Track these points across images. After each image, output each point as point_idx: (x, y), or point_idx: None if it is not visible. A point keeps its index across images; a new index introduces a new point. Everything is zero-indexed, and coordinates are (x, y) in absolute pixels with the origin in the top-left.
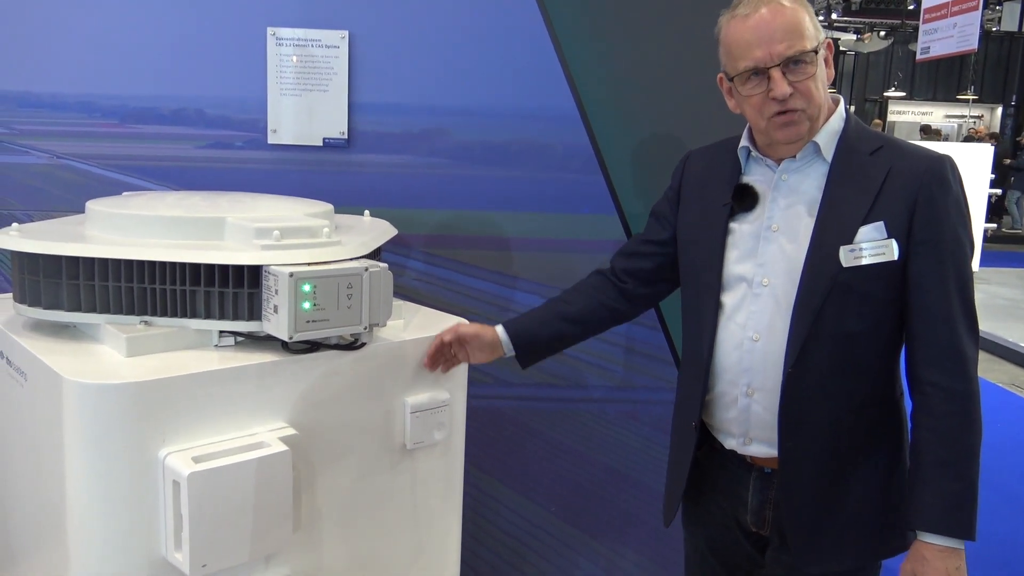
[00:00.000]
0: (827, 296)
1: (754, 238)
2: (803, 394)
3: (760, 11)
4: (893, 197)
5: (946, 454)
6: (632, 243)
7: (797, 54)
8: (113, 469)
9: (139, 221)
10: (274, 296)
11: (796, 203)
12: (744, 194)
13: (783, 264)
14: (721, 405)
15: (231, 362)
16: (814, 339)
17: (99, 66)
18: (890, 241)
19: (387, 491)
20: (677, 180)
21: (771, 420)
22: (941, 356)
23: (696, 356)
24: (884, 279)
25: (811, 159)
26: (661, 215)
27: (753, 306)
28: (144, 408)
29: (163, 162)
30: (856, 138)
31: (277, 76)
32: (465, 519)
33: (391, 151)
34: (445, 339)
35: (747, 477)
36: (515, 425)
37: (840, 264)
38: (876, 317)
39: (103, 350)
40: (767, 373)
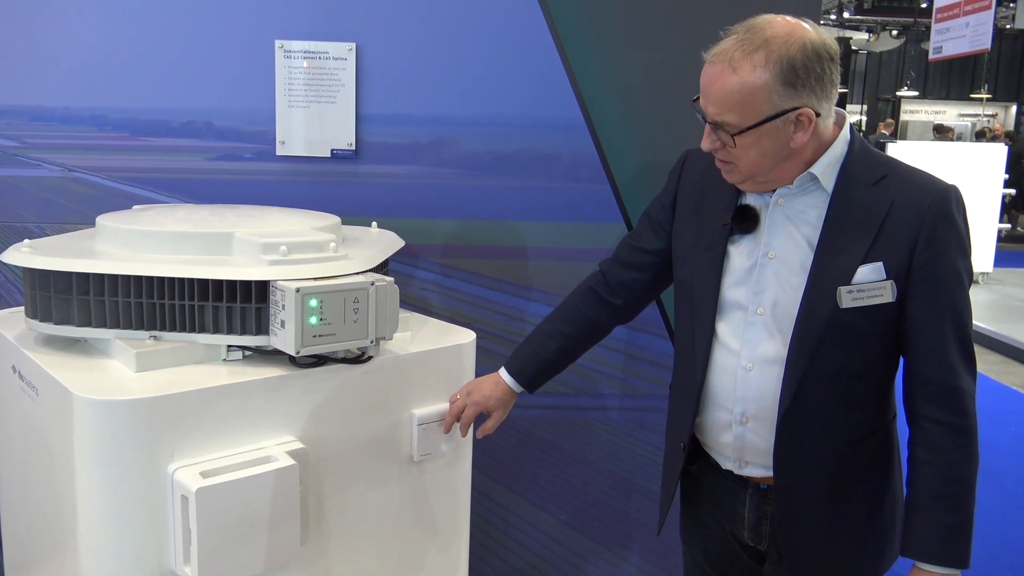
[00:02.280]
0: (823, 335)
1: (750, 264)
2: (800, 429)
3: (713, 65)
4: (894, 234)
5: (945, 487)
6: (626, 250)
7: (722, 124)
8: (123, 483)
9: (148, 237)
10: (281, 311)
11: (794, 232)
12: (745, 216)
13: (779, 295)
14: (714, 428)
15: (239, 376)
16: (811, 376)
17: (110, 79)
18: (888, 283)
19: (395, 503)
20: (674, 183)
21: (765, 447)
22: (939, 393)
23: (688, 377)
24: (881, 318)
25: (808, 187)
26: (656, 221)
27: (748, 334)
28: (153, 423)
29: (173, 174)
30: (859, 166)
31: (286, 88)
32: (474, 528)
33: (399, 162)
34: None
35: (743, 493)
36: (524, 434)
37: (838, 304)
38: (873, 354)
39: (113, 365)
40: (762, 403)
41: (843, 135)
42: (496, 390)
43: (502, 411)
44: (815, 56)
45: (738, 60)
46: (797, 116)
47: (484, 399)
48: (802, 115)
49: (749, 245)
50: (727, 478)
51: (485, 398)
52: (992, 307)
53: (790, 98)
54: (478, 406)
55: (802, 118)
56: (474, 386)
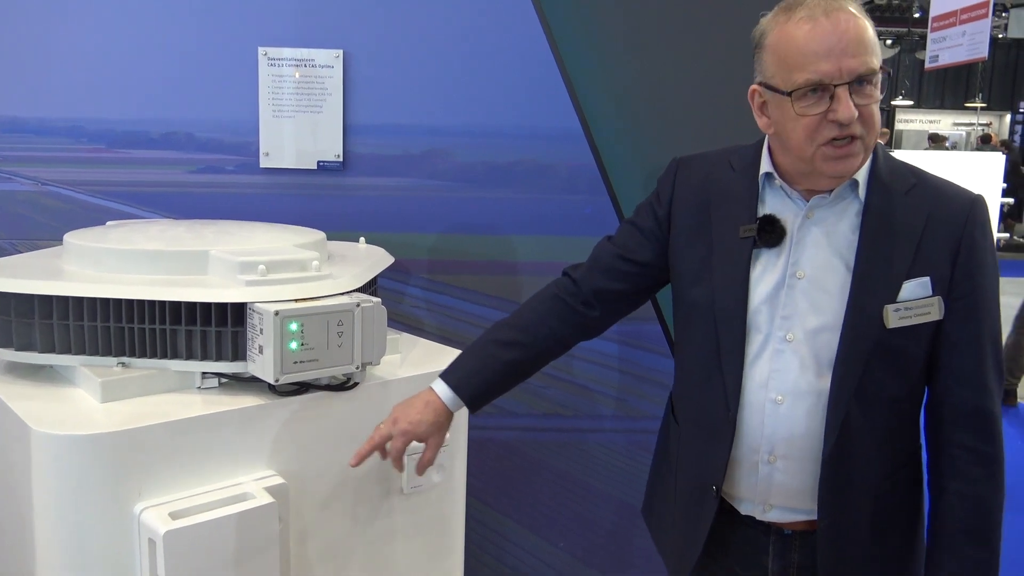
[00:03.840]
0: (870, 359)
1: (776, 284)
2: (845, 466)
3: (831, 17)
4: (935, 247)
5: (974, 520)
6: (606, 256)
7: (868, 72)
8: (84, 525)
9: (117, 255)
10: (259, 335)
11: (825, 247)
12: (772, 228)
13: (812, 320)
14: (739, 470)
15: (214, 406)
16: (857, 407)
17: (85, 90)
18: (936, 300)
19: (384, 539)
20: (668, 192)
21: (796, 488)
22: (973, 418)
23: (715, 411)
24: (927, 337)
25: (845, 195)
26: (645, 230)
27: (776, 364)
28: (118, 460)
29: (152, 188)
30: (889, 174)
31: (269, 97)
32: (469, 556)
33: (389, 174)
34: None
35: (765, 541)
36: (520, 457)
37: (884, 325)
38: (915, 378)
39: (78, 394)
40: (792, 439)
41: None
42: (427, 412)
43: (438, 437)
44: None
45: (854, 7)
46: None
47: (413, 425)
48: (886, 73)
49: (772, 262)
50: (746, 524)
51: (414, 424)
52: None
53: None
54: (406, 436)
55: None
56: (401, 411)
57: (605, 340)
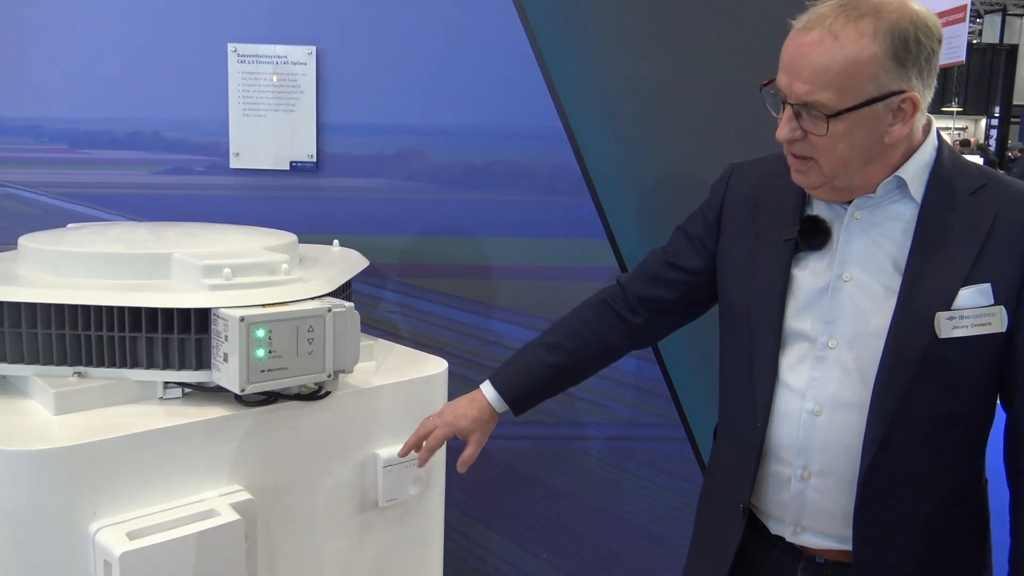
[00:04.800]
0: (918, 371)
1: (820, 287)
2: (886, 489)
3: (808, 33)
4: (1002, 252)
5: None
6: (654, 263)
7: (815, 104)
8: (36, 546)
9: (74, 259)
10: (224, 343)
11: (874, 250)
12: (815, 229)
13: (857, 325)
14: (770, 485)
15: (177, 418)
16: (901, 423)
17: (46, 88)
18: (998, 309)
19: (358, 555)
20: (719, 197)
21: (831, 509)
22: None
23: (745, 422)
24: (986, 353)
25: (894, 196)
26: (696, 237)
27: (816, 372)
28: (72, 476)
29: (117, 190)
30: (952, 173)
31: (239, 96)
32: (449, 569)
33: (364, 174)
34: (435, 446)
35: (794, 567)
36: (501, 466)
37: (935, 334)
38: (973, 397)
39: (31, 407)
40: (829, 455)
41: (931, 139)
42: (472, 408)
43: (480, 434)
44: (927, 32)
45: (841, 26)
46: (901, 101)
47: (456, 419)
48: (907, 100)
49: (818, 264)
50: (775, 546)
51: (457, 418)
52: None
53: (898, 78)
54: (449, 427)
55: (906, 105)
56: (449, 406)
57: None
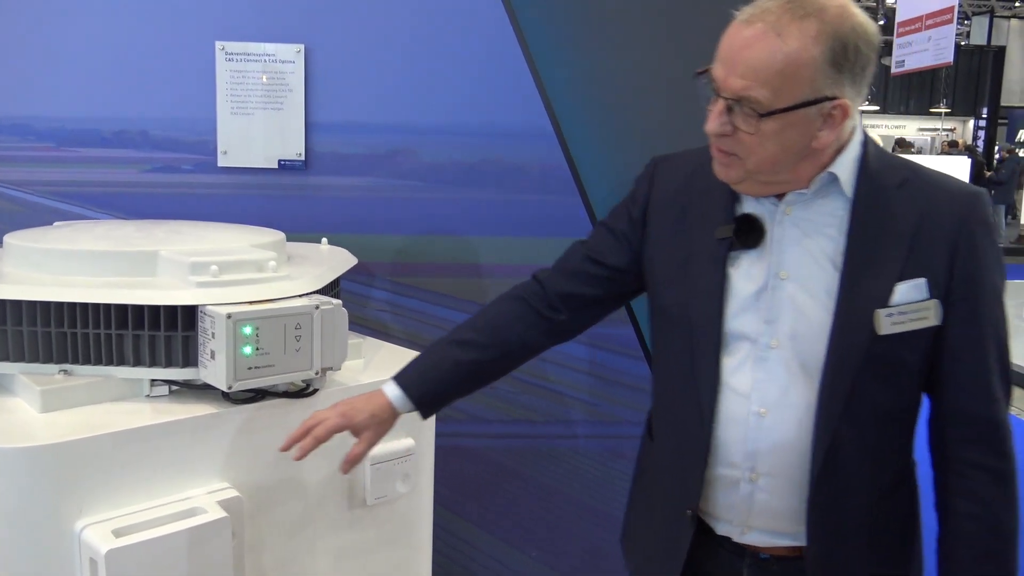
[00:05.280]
0: (861, 368)
1: (758, 287)
2: (835, 485)
3: (750, 26)
4: (931, 245)
5: (992, 544)
6: (575, 259)
7: (749, 100)
8: (21, 544)
9: (60, 256)
10: (211, 340)
11: (810, 246)
12: (750, 228)
13: (798, 324)
14: (717, 489)
15: (163, 415)
16: (848, 421)
17: (33, 86)
18: (932, 303)
19: (347, 553)
20: (644, 192)
21: (779, 508)
22: (984, 434)
23: (690, 427)
24: (923, 345)
25: (827, 191)
26: (619, 233)
27: (759, 373)
28: (58, 474)
29: (104, 188)
30: (879, 168)
31: (227, 94)
32: (437, 567)
33: (352, 173)
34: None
35: (739, 565)
36: (491, 465)
37: (875, 331)
38: (911, 389)
39: (17, 404)
40: (776, 456)
41: (857, 134)
42: (369, 404)
43: (373, 433)
44: (866, 41)
45: (785, 25)
46: (832, 108)
47: (352, 411)
48: (838, 107)
49: (754, 263)
50: (720, 546)
51: (353, 410)
52: None
53: (832, 84)
54: (342, 419)
55: (836, 111)
56: (345, 400)
57: (576, 344)
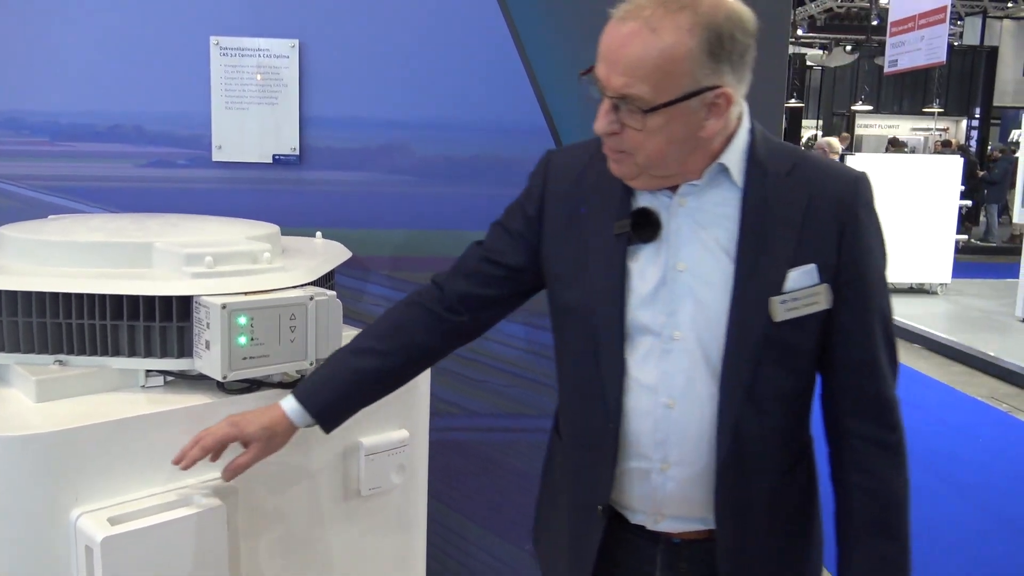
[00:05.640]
0: (760, 356)
1: (657, 279)
2: (741, 470)
3: (624, 24)
4: (819, 230)
5: (882, 514)
6: (472, 259)
7: (632, 97)
8: (17, 532)
9: (55, 248)
10: (206, 330)
11: (703, 236)
12: (646, 222)
13: (698, 314)
14: (628, 481)
15: (158, 405)
16: (749, 407)
17: (27, 80)
18: (823, 288)
19: (341, 544)
20: (539, 189)
21: (691, 496)
22: (872, 407)
23: (596, 423)
24: (816, 329)
25: (718, 182)
26: (515, 232)
27: (664, 364)
28: (53, 462)
29: (99, 182)
30: (767, 156)
31: (222, 88)
32: (432, 560)
33: (347, 168)
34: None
35: (653, 551)
36: (484, 458)
37: (771, 318)
38: (807, 372)
39: (12, 395)
40: (686, 446)
41: (744, 123)
42: (263, 416)
43: (263, 445)
44: (741, 28)
45: (659, 20)
46: (715, 97)
47: (244, 422)
48: (720, 96)
49: (652, 256)
50: (634, 534)
51: (246, 421)
52: (953, 318)
53: (712, 74)
54: (233, 427)
55: (720, 100)
56: (240, 413)
57: None
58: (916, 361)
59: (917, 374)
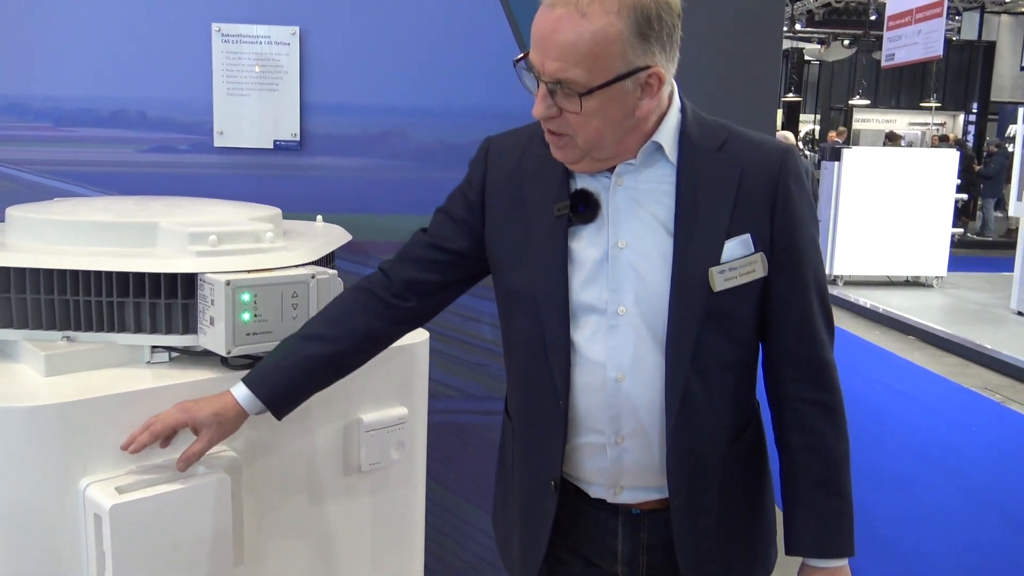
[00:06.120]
0: (702, 326)
1: (599, 258)
2: (691, 437)
3: (553, 10)
4: (751, 202)
5: (825, 472)
6: (418, 247)
7: (552, 81)
8: (27, 501)
9: (62, 227)
10: (210, 307)
11: (642, 214)
12: (585, 203)
13: (641, 289)
14: (584, 455)
15: (164, 380)
16: (694, 376)
17: (30, 65)
18: (758, 256)
19: (341, 518)
20: (480, 175)
21: (646, 465)
22: (810, 371)
23: (546, 401)
24: (754, 298)
25: (653, 160)
26: (458, 218)
27: (611, 340)
28: (62, 433)
29: (102, 167)
30: (699, 133)
31: (223, 75)
32: (430, 541)
33: (346, 154)
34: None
35: (614, 523)
36: (482, 441)
37: (711, 288)
38: (749, 339)
39: (20, 369)
40: (639, 417)
41: (675, 102)
42: (215, 403)
43: (214, 431)
44: (667, 8)
45: (588, 4)
46: (647, 77)
47: (196, 408)
48: (652, 76)
49: (593, 236)
50: (594, 508)
51: (197, 407)
52: (948, 310)
53: (643, 54)
54: (183, 413)
55: (652, 80)
56: (196, 399)
57: None
58: (911, 352)
59: (911, 365)
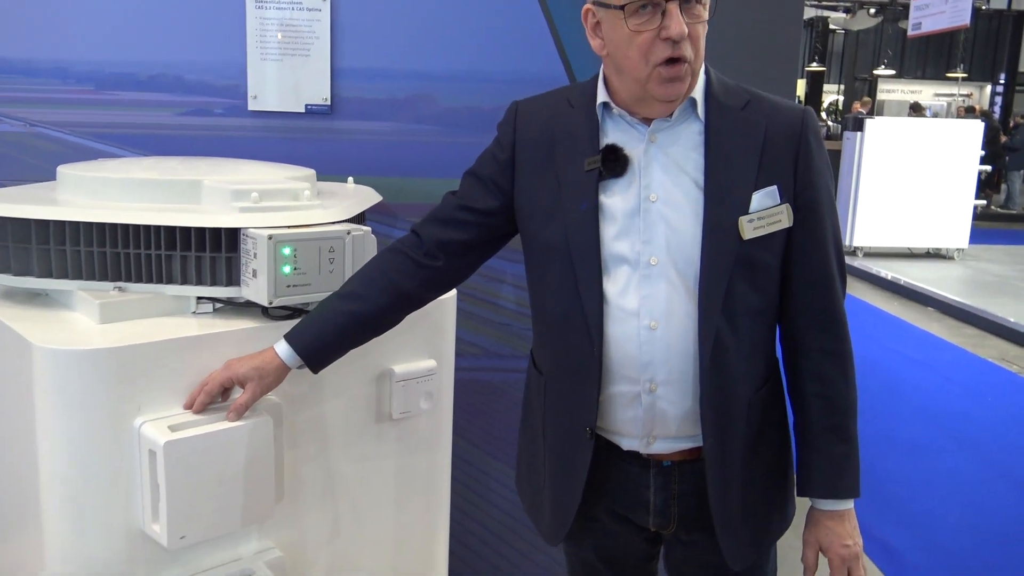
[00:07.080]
0: (732, 274)
1: (631, 211)
2: (721, 383)
3: None
4: (776, 157)
5: (834, 418)
6: (448, 208)
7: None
8: (86, 438)
9: (112, 184)
10: (253, 260)
11: (673, 168)
12: (616, 158)
13: (673, 240)
14: (617, 406)
15: (209, 329)
16: (726, 323)
17: (74, 31)
18: (784, 207)
19: (373, 461)
20: (509, 137)
21: (678, 414)
22: (824, 321)
23: (578, 353)
24: (779, 246)
25: (687, 119)
26: (487, 179)
27: (644, 290)
28: (118, 375)
29: (140, 129)
30: (724, 93)
31: (257, 40)
32: (454, 493)
33: (375, 118)
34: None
35: (646, 476)
36: (506, 397)
37: (740, 237)
38: (773, 288)
39: (76, 317)
40: (672, 365)
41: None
42: (256, 358)
43: (258, 385)
44: None
45: None
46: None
47: (238, 364)
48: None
49: (624, 190)
50: (626, 460)
51: (240, 363)
52: (968, 282)
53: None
54: (227, 370)
55: None
56: (236, 358)
57: None
58: (929, 323)
59: (929, 335)
